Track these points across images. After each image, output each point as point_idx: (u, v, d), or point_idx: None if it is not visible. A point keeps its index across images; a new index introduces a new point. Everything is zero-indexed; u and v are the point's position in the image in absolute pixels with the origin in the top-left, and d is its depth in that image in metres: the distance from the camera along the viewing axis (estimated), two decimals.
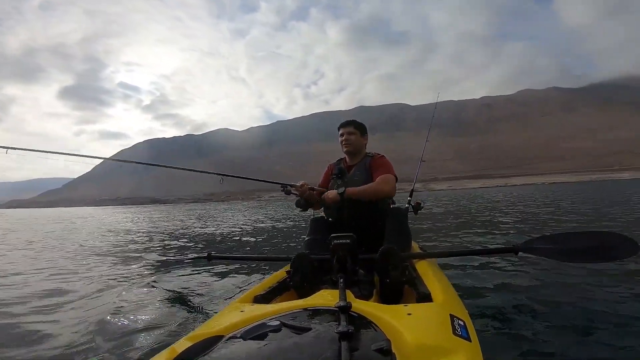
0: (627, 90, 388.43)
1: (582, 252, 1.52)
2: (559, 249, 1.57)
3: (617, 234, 1.53)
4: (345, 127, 2.15)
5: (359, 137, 2.13)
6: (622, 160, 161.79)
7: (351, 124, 2.14)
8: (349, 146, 2.13)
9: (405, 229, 1.94)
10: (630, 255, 1.46)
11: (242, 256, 3.51)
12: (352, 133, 2.12)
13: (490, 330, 1.65)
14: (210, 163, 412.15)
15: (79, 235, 9.09)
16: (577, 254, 1.53)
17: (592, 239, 1.55)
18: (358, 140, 2.13)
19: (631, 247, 1.47)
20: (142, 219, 16.36)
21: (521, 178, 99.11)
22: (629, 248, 1.47)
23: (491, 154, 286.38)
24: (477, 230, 5.76)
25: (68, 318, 2.24)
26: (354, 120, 2.16)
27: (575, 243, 1.56)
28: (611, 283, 2.28)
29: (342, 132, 2.15)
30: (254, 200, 62.31)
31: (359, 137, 2.14)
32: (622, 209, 8.03)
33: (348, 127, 2.14)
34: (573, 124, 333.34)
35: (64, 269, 4.24)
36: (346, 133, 2.13)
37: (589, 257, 1.53)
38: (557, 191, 23.60)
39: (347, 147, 2.13)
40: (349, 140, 2.12)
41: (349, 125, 2.14)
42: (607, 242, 1.53)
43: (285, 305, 1.06)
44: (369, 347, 0.70)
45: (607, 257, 1.52)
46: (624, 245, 1.49)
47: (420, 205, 2.69)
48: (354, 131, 2.13)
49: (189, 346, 0.84)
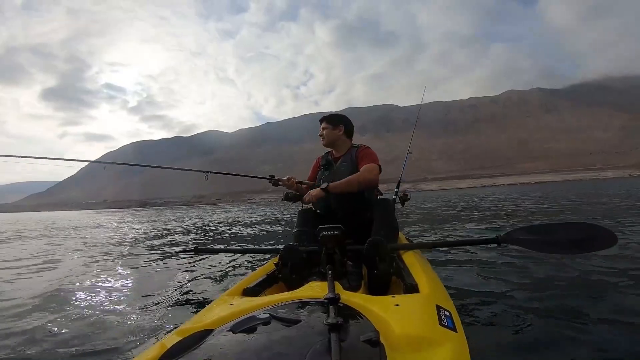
0: (606, 91, 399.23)
1: (563, 243, 1.54)
2: (540, 240, 1.59)
3: (597, 226, 1.56)
4: (321, 124, 2.29)
5: (331, 131, 2.23)
6: (602, 160, 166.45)
7: (324, 120, 2.28)
8: (324, 139, 2.25)
9: (392, 221, 1.97)
10: (609, 246, 1.49)
11: (229, 248, 3.50)
12: (324, 128, 2.24)
13: (476, 321, 1.68)
14: (199, 165, 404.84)
15: (64, 233, 9.00)
16: (558, 245, 1.56)
17: (572, 231, 1.58)
18: (331, 133, 2.23)
19: (609, 238, 1.50)
20: (130, 220, 16.30)
21: (506, 178, 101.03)
22: (607, 240, 1.50)
23: (476, 154, 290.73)
24: (464, 225, 5.97)
25: (54, 314, 2.22)
26: (327, 116, 2.29)
27: (556, 234, 1.59)
28: (592, 274, 2.36)
29: (320, 129, 2.29)
30: (245, 202, 62.00)
31: (331, 130, 2.23)
32: (607, 206, 8.43)
33: (322, 123, 2.28)
34: (555, 124, 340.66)
35: (47, 263, 4.28)
36: (321, 129, 2.27)
37: (569, 249, 1.56)
38: (544, 191, 24.25)
39: (323, 141, 2.27)
40: (322, 134, 2.25)
41: (322, 122, 2.28)
42: (587, 234, 1.55)
43: (274, 297, 1.05)
44: (358, 338, 0.71)
45: (587, 248, 1.54)
46: (603, 236, 1.52)
47: (407, 197, 2.82)
48: (326, 126, 2.24)
49: (178, 340, 0.84)
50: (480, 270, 2.65)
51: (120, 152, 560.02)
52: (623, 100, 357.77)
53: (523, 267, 2.64)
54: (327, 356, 0.64)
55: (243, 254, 3.85)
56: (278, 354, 0.70)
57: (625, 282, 2.20)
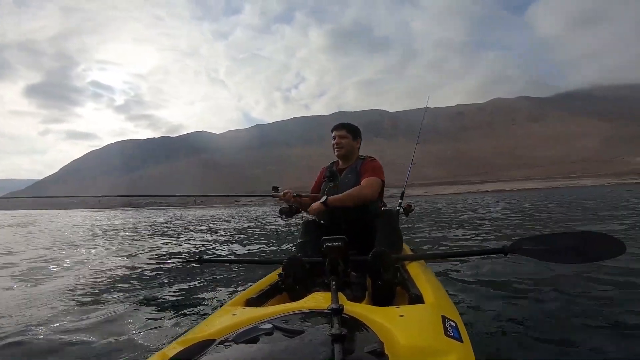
0: (591, 100, 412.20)
1: (570, 252, 1.52)
2: (547, 249, 1.57)
3: (604, 235, 1.54)
4: (337, 130, 2.12)
5: (350, 141, 2.11)
6: (586, 168, 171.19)
7: (344, 128, 2.12)
8: (341, 150, 2.11)
9: (396, 231, 1.94)
10: (616, 255, 1.47)
11: (233, 259, 3.52)
12: (344, 137, 2.11)
13: (482, 331, 1.66)
14: (186, 166, 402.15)
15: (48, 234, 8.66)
16: (565, 255, 1.53)
17: (579, 240, 1.56)
18: (350, 144, 2.11)
19: (617, 247, 1.48)
20: (125, 222, 15.76)
21: (492, 184, 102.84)
22: (615, 248, 1.48)
23: (463, 161, 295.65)
24: (465, 233, 5.91)
25: (56, 322, 2.18)
26: (348, 124, 2.13)
27: (563, 244, 1.57)
28: (601, 283, 2.33)
29: (335, 134, 2.12)
30: (233, 205, 61.33)
31: (351, 141, 2.12)
32: (585, 211, 8.66)
33: (340, 130, 2.11)
34: (540, 132, 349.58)
35: (46, 272, 4.11)
36: (338, 137, 2.11)
37: (576, 258, 1.53)
38: (525, 197, 24.69)
39: (339, 150, 2.12)
40: (341, 144, 2.10)
41: (342, 129, 2.11)
42: (594, 243, 1.53)
43: (277, 308, 1.05)
44: (362, 350, 0.70)
45: (594, 257, 1.52)
46: (611, 245, 1.49)
47: (411, 208, 2.74)
48: (346, 135, 2.11)
49: (180, 350, 0.83)
50: (486, 280, 2.61)
51: (105, 151, 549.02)
52: (608, 109, 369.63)
53: (529, 277, 2.60)
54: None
55: (246, 265, 3.77)
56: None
57: (633, 291, 2.13)
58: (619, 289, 2.18)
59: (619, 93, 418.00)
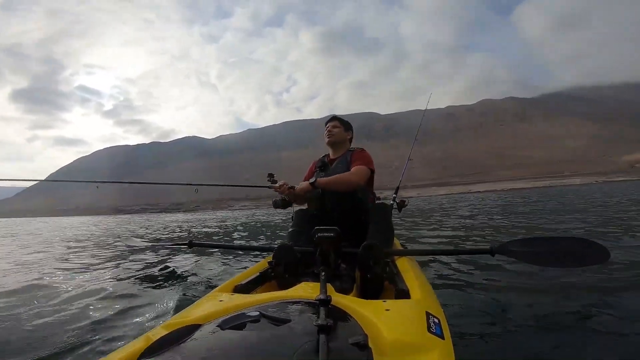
0: (577, 101, 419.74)
1: (556, 257, 1.56)
2: (534, 252, 1.60)
3: (590, 241, 1.58)
4: (330, 122, 2.34)
5: (342, 131, 2.29)
6: (573, 167, 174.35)
7: (335, 119, 2.34)
8: (332, 137, 2.27)
9: (388, 225, 1.97)
10: (601, 262, 1.51)
11: (224, 245, 3.50)
12: (336, 126, 2.29)
13: (464, 329, 1.68)
14: (177, 171, 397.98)
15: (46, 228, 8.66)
16: (552, 259, 1.57)
17: (566, 244, 1.60)
18: (341, 134, 2.29)
19: (602, 254, 1.51)
20: (111, 222, 15.69)
21: (481, 185, 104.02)
22: (600, 255, 1.51)
23: (453, 162, 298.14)
24: (455, 233, 6.02)
25: (39, 305, 2.18)
26: (340, 117, 2.36)
27: (550, 248, 1.60)
28: (585, 287, 2.38)
29: (328, 125, 2.32)
30: (226, 209, 60.95)
31: (342, 132, 2.29)
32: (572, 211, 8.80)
33: (333, 121, 2.33)
34: (527, 132, 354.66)
35: (33, 257, 4.16)
36: (331, 126, 2.30)
37: (561, 262, 1.57)
38: (516, 196, 25.11)
39: (330, 137, 2.28)
40: (332, 132, 2.27)
41: (334, 120, 2.34)
42: (580, 248, 1.56)
43: (265, 296, 1.05)
44: (347, 341, 0.71)
45: (580, 262, 1.56)
46: (596, 252, 1.53)
47: (405, 203, 2.82)
48: (338, 125, 2.30)
49: (164, 334, 0.82)
50: (472, 280, 2.65)
51: (94, 157, 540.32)
52: (593, 109, 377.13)
53: (515, 279, 2.62)
54: (314, 357, 0.64)
55: (237, 251, 3.79)
56: (265, 353, 0.70)
57: (617, 293, 2.17)
58: (602, 294, 2.22)
59: (602, 93, 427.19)
